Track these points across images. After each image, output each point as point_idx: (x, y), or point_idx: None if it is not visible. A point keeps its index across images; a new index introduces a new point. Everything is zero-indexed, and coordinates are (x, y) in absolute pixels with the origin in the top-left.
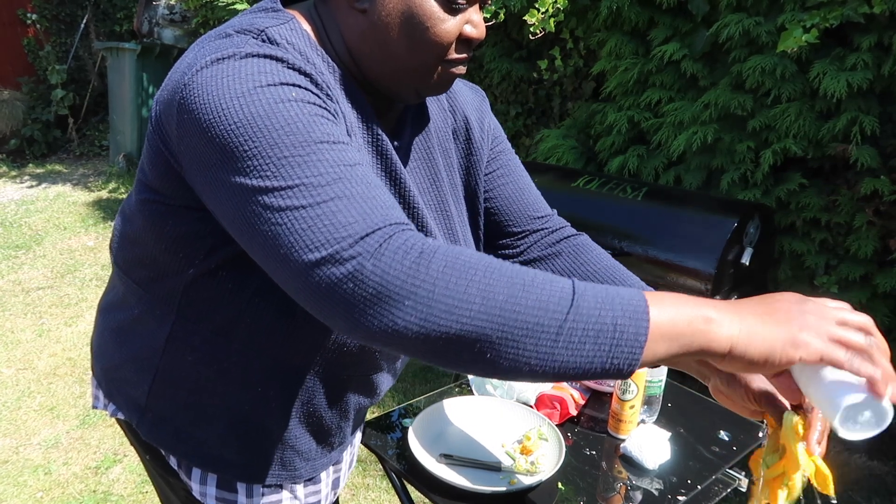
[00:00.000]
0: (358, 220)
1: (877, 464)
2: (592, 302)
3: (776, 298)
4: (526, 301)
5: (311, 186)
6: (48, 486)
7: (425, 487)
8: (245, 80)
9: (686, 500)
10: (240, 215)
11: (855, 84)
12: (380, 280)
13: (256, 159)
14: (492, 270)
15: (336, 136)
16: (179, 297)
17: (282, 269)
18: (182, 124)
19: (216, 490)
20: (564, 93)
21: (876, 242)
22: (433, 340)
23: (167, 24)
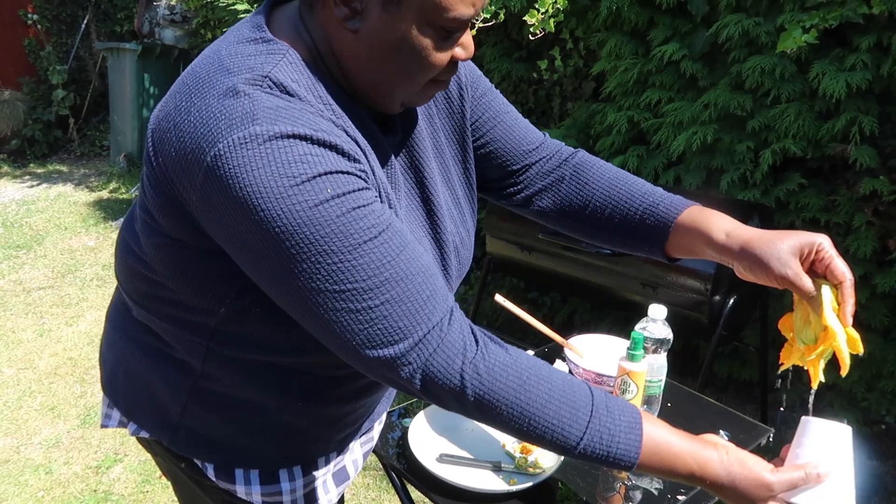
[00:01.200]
0: (411, 324)
1: (876, 464)
2: (598, 436)
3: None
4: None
5: (362, 291)
6: (49, 485)
7: (425, 487)
8: (280, 178)
9: (686, 499)
10: (286, 302)
11: (854, 84)
12: (429, 389)
13: (306, 263)
14: (528, 391)
15: (378, 224)
16: (211, 332)
17: (341, 354)
18: (210, 202)
19: (261, 486)
20: (564, 93)
21: (875, 242)
22: (468, 413)
23: (168, 25)
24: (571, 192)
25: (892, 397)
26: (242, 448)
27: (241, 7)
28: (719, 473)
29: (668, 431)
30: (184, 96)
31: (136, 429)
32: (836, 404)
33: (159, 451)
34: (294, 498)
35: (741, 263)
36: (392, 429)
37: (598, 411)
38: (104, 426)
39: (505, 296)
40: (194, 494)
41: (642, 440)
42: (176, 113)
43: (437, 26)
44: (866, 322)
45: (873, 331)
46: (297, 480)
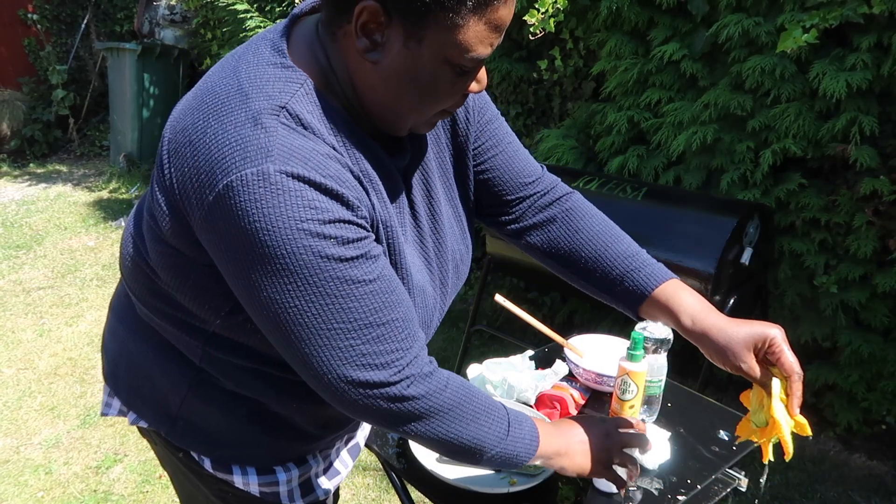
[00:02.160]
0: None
1: (876, 464)
2: (511, 446)
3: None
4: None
5: (346, 332)
6: (49, 485)
7: (425, 487)
8: (287, 219)
9: (686, 499)
10: (269, 329)
11: (854, 84)
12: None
13: (299, 301)
14: (471, 413)
15: (368, 273)
16: (207, 337)
17: (314, 385)
18: (215, 227)
19: (258, 478)
20: (564, 93)
21: (875, 242)
22: (417, 438)
23: (168, 25)
24: (560, 236)
25: (892, 397)
26: (239, 443)
27: (241, 7)
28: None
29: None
30: (201, 115)
31: (136, 418)
32: (837, 405)
33: (158, 441)
34: (290, 488)
35: (703, 349)
36: None
37: (511, 432)
38: (104, 414)
39: (505, 296)
40: (191, 484)
41: (536, 452)
42: (192, 130)
43: (455, 64)
44: (866, 322)
45: (873, 331)
46: (292, 472)
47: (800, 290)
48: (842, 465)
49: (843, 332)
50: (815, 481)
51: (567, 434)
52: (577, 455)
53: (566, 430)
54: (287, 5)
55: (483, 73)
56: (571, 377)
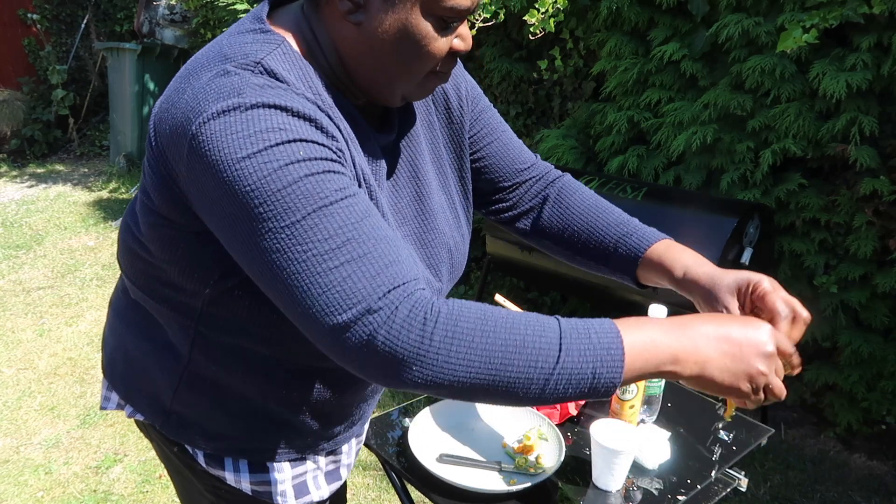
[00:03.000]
0: (368, 286)
1: (876, 464)
2: (576, 355)
3: (745, 354)
4: (519, 360)
5: (324, 252)
6: (49, 485)
7: (425, 487)
8: (255, 140)
9: (686, 499)
10: (255, 269)
11: (854, 84)
12: (391, 350)
13: (271, 222)
14: (488, 332)
15: (344, 189)
16: (198, 314)
17: (301, 323)
18: (193, 171)
19: (250, 475)
20: (564, 93)
21: (875, 242)
22: (439, 389)
23: (167, 25)
24: (553, 215)
25: (892, 397)
26: (231, 437)
27: (241, 7)
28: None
29: (643, 326)
30: (182, 80)
31: (133, 411)
32: (837, 405)
33: (154, 435)
34: (284, 489)
35: (693, 299)
36: (392, 429)
37: (566, 336)
38: (103, 408)
39: (505, 296)
40: (186, 479)
41: (624, 349)
42: (175, 95)
43: (437, 16)
44: (866, 322)
45: (874, 331)
46: (286, 472)
47: (800, 290)
48: (842, 465)
49: (844, 332)
50: (816, 481)
51: (683, 329)
52: (707, 363)
53: (680, 323)
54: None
55: (467, 32)
56: None
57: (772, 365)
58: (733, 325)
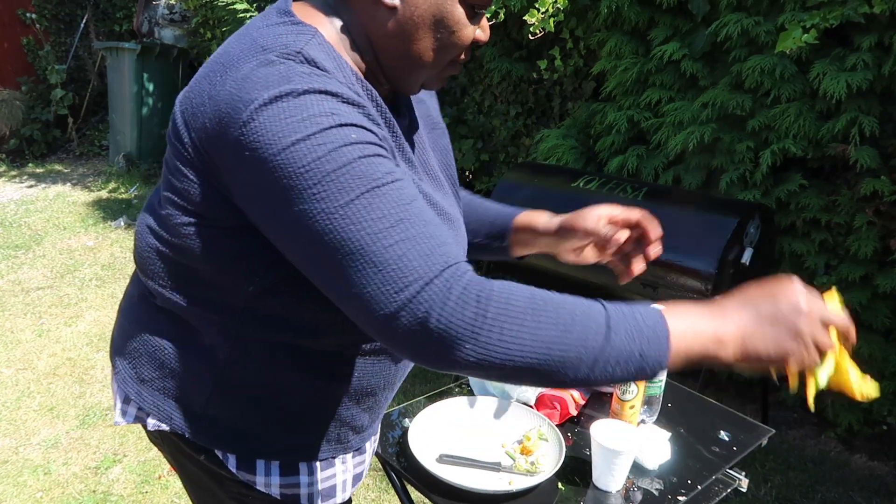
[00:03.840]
0: (423, 265)
1: (877, 464)
2: (623, 335)
3: (782, 313)
4: (568, 340)
5: (378, 231)
6: (48, 486)
7: (425, 487)
8: (309, 124)
9: (686, 500)
10: (304, 254)
11: (855, 85)
12: (445, 328)
13: (325, 202)
14: (539, 312)
15: (393, 173)
16: (239, 312)
17: (353, 306)
18: (242, 159)
19: (280, 478)
20: (564, 93)
21: (876, 243)
22: (490, 370)
23: (167, 24)
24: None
25: (893, 398)
26: (265, 438)
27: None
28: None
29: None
30: (217, 73)
31: (156, 423)
32: (837, 405)
33: (177, 446)
34: (311, 491)
35: (560, 238)
36: (392, 429)
37: (613, 317)
38: (117, 423)
39: None
40: (208, 490)
41: (670, 332)
42: (210, 87)
43: (468, 3)
44: (867, 323)
45: (874, 332)
46: (315, 474)
47: None
48: (843, 466)
49: None
50: (816, 482)
51: (719, 309)
52: (752, 339)
53: (715, 306)
54: None
55: (486, 24)
56: None
57: (811, 319)
58: (760, 295)
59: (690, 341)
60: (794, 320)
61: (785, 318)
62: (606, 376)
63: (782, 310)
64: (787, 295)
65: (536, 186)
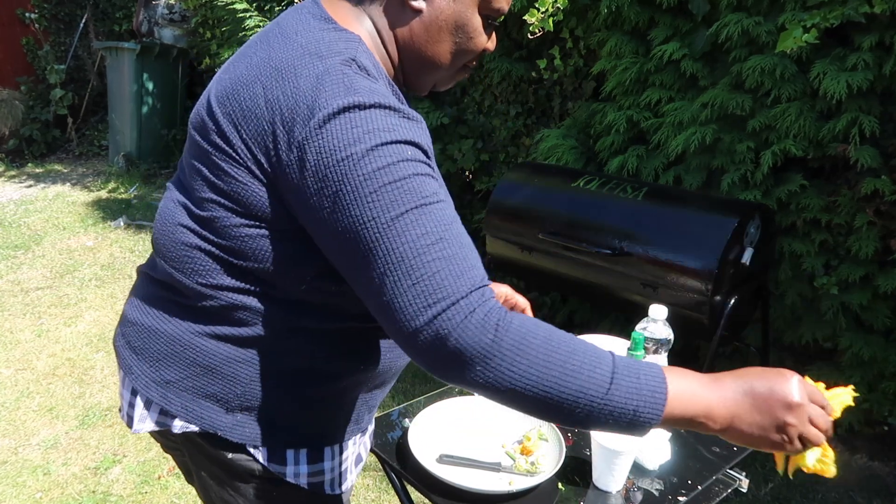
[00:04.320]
0: (453, 285)
1: (878, 465)
2: (623, 391)
3: (772, 405)
4: (573, 384)
5: (420, 247)
6: (47, 486)
7: (425, 487)
8: (374, 136)
9: (686, 500)
10: (348, 260)
11: (855, 85)
12: (461, 348)
13: (376, 212)
14: (552, 353)
15: (438, 193)
16: (291, 305)
17: (384, 314)
18: (304, 164)
19: (308, 466)
20: (564, 93)
21: (877, 243)
22: (494, 394)
23: (166, 24)
24: None
25: (893, 398)
26: (297, 427)
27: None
28: (722, 414)
29: (688, 378)
30: (272, 78)
31: (184, 425)
32: None
33: (200, 448)
34: (332, 476)
35: None
36: (392, 429)
37: (618, 370)
38: (136, 431)
39: None
40: (232, 491)
41: (668, 395)
42: (265, 92)
43: (484, 14)
44: (867, 323)
45: (875, 332)
46: (335, 458)
47: (800, 291)
48: (843, 466)
49: (844, 333)
50: (816, 482)
51: (717, 383)
52: (738, 415)
53: (714, 378)
54: (286, 4)
55: (494, 37)
56: None
57: (801, 415)
58: (758, 380)
59: (683, 408)
60: (782, 415)
61: (773, 410)
62: (600, 425)
63: (773, 402)
64: (781, 387)
65: (536, 186)
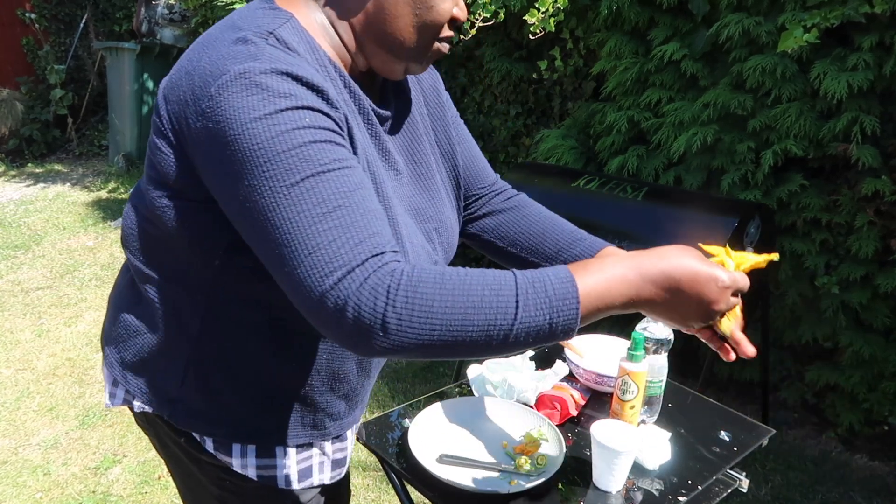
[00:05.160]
0: (350, 253)
1: (878, 464)
2: (532, 309)
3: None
4: (478, 320)
5: (315, 216)
6: (47, 486)
7: (425, 487)
8: (267, 103)
9: (686, 500)
10: (250, 230)
11: (856, 85)
12: (358, 316)
13: (271, 181)
14: (447, 295)
15: (341, 160)
16: (208, 289)
17: (287, 286)
18: (206, 131)
19: (256, 459)
20: (564, 93)
21: (877, 242)
22: (408, 353)
23: (167, 24)
24: (509, 222)
25: (893, 398)
26: (240, 421)
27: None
28: (655, 292)
29: (599, 272)
30: (195, 52)
31: (140, 404)
32: (838, 405)
33: (161, 428)
34: (288, 472)
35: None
36: (392, 429)
37: (521, 291)
38: (108, 405)
39: None
40: (190, 474)
41: (579, 296)
42: (188, 64)
43: None
44: (868, 323)
45: (875, 331)
46: (290, 458)
47: (801, 291)
48: (843, 466)
49: (845, 332)
50: (817, 482)
51: (638, 272)
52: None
53: (636, 266)
54: None
55: (463, 3)
56: (572, 377)
57: (728, 298)
58: (685, 273)
59: (600, 305)
60: (708, 312)
61: (696, 309)
62: (519, 346)
63: (700, 304)
64: (707, 291)
65: (536, 186)
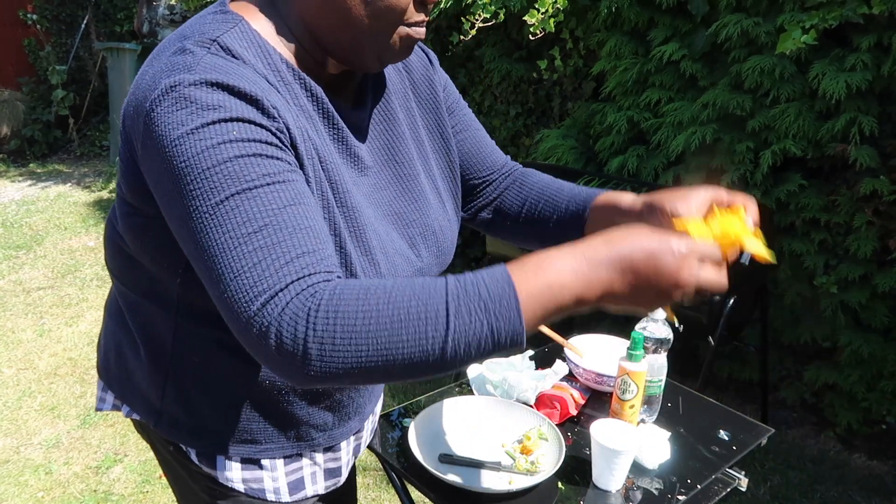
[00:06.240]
0: (274, 276)
1: (877, 464)
2: (466, 316)
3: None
4: (406, 335)
5: (239, 237)
6: (49, 485)
7: (425, 487)
8: (193, 117)
9: (686, 499)
10: (187, 250)
11: (854, 85)
12: (281, 345)
13: (198, 200)
14: (370, 312)
15: (273, 174)
16: (176, 304)
17: (220, 309)
18: (146, 149)
19: (242, 472)
20: (564, 93)
21: (875, 242)
22: (338, 380)
23: (167, 25)
24: (511, 196)
25: (892, 397)
26: (221, 433)
27: None
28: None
29: (538, 268)
30: (146, 64)
31: (129, 411)
32: (837, 405)
33: (152, 433)
34: (277, 485)
35: (643, 219)
36: (392, 429)
37: (451, 299)
38: (98, 409)
39: None
40: (182, 480)
41: (519, 300)
42: (139, 78)
43: None
44: (866, 322)
45: (874, 331)
46: (277, 470)
47: (800, 291)
48: (842, 465)
49: (843, 332)
50: (816, 481)
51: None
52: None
53: (582, 255)
54: None
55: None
56: (571, 377)
57: (691, 266)
58: (636, 250)
59: (546, 304)
60: (668, 285)
61: (656, 285)
62: (462, 358)
63: (654, 279)
64: (661, 258)
65: None
